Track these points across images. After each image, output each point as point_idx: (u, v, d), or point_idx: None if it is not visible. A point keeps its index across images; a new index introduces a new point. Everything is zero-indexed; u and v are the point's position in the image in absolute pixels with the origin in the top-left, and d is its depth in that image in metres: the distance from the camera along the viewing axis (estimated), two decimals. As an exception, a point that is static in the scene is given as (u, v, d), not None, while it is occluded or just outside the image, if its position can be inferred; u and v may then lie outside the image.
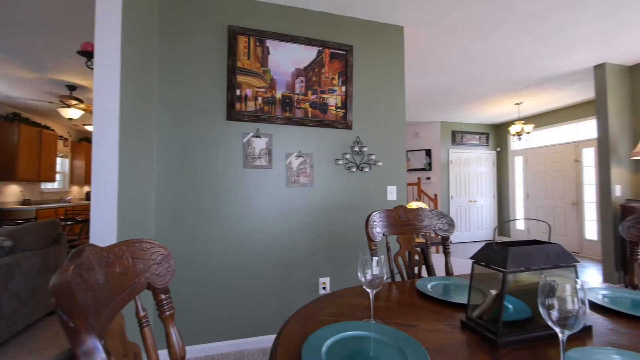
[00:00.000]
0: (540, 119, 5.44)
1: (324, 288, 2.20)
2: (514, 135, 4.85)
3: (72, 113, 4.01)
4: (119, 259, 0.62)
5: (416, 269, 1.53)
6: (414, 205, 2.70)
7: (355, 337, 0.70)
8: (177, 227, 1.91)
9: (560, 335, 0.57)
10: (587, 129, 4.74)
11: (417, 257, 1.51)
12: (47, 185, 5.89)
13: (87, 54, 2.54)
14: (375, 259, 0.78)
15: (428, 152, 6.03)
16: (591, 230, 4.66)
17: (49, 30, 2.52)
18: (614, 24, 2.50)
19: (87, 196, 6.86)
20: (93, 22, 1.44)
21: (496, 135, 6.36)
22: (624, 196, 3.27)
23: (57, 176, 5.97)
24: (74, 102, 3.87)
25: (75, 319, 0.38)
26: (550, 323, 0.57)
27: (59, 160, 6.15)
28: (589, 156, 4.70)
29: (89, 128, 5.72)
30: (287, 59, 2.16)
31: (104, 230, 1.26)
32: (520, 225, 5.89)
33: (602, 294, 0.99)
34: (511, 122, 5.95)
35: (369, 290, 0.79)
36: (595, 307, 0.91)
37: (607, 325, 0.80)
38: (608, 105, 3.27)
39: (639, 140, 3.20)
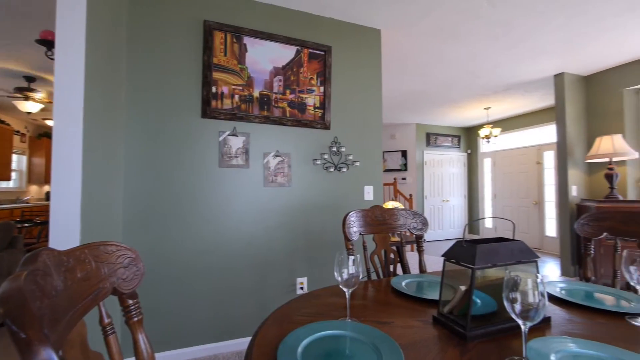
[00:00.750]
0: (507, 123, 5.76)
1: (302, 288, 2.19)
2: (483, 138, 5.11)
3: (30, 106, 3.71)
4: (80, 263, 0.58)
5: (392, 267, 1.57)
6: (390, 205, 2.76)
7: (331, 336, 0.71)
8: (148, 228, 1.82)
9: (522, 326, 0.61)
10: (548, 133, 5.08)
11: (392, 256, 1.55)
12: (2, 185, 5.41)
13: (48, 43, 2.36)
14: (351, 258, 0.79)
15: (404, 153, 6.20)
16: (551, 228, 5.01)
17: (3, 15, 2.31)
18: (572, 37, 2.70)
19: (48, 196, 6.38)
20: (54, 9, 1.34)
21: (467, 137, 6.66)
22: (580, 196, 3.55)
23: (13, 174, 5.50)
24: (32, 94, 3.58)
25: (28, 329, 0.35)
26: (513, 315, 0.61)
27: (15, 157, 5.67)
28: (550, 159, 5.04)
29: (49, 123, 5.32)
30: (265, 57, 2.13)
31: (65, 232, 1.18)
32: (488, 223, 6.21)
33: (559, 286, 1.06)
34: (481, 126, 6.26)
35: (345, 289, 0.80)
36: (553, 299, 0.97)
37: (564, 315, 0.86)
38: (566, 112, 3.53)
39: (592, 144, 3.48)
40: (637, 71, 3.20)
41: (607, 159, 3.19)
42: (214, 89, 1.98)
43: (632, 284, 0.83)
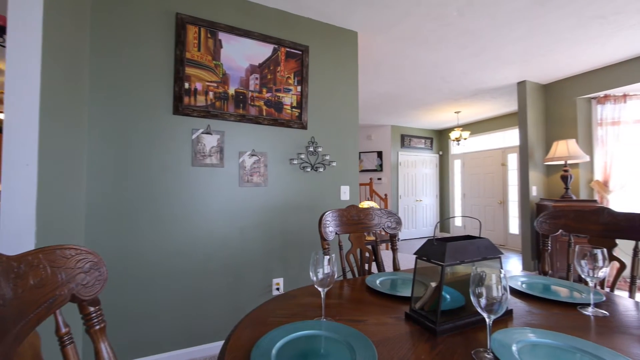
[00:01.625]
0: (476, 127, 6.07)
1: (278, 289, 2.17)
2: (453, 140, 5.34)
3: (-23, 97, 3.36)
4: (33, 269, 0.53)
5: (367, 266, 1.59)
6: (365, 204, 2.81)
7: (305, 336, 0.70)
8: (114, 230, 1.72)
9: (487, 319, 0.64)
10: (512, 137, 5.42)
11: (367, 255, 1.57)
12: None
13: (-2, 28, 2.15)
14: (326, 258, 0.79)
15: (379, 154, 6.33)
16: (514, 226, 5.35)
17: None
18: (532, 48, 2.89)
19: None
20: (5, -8, 1.23)
21: (439, 140, 6.93)
22: (539, 196, 3.81)
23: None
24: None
25: (-32, 343, 0.31)
26: (479, 309, 0.64)
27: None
28: (513, 161, 5.38)
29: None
30: (241, 54, 2.08)
31: (17, 237, 1.08)
32: (458, 222, 6.50)
33: (521, 280, 1.13)
34: (451, 129, 6.54)
35: (320, 289, 0.80)
36: (515, 292, 1.04)
37: (524, 308, 0.92)
38: (528, 117, 3.78)
39: (550, 148, 3.76)
40: (588, 82, 3.50)
41: (562, 162, 3.46)
42: (186, 85, 1.91)
43: (583, 276, 0.91)
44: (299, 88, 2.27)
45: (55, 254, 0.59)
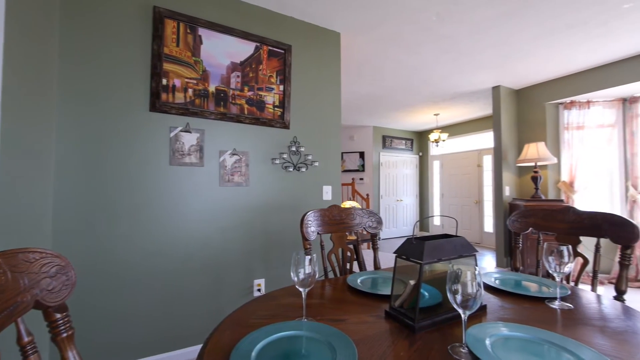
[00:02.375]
0: (454, 129, 6.28)
1: (259, 290, 2.15)
2: (432, 142, 5.50)
3: None
4: (-9, 274, 0.50)
5: (348, 265, 1.61)
6: (347, 204, 2.83)
7: (286, 337, 0.70)
8: (86, 232, 1.63)
9: (462, 315, 0.66)
10: (487, 139, 5.65)
11: (349, 254, 1.59)
12: None
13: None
14: (307, 257, 0.79)
15: (362, 155, 6.41)
16: (489, 224, 5.58)
17: None
18: (505, 54, 3.03)
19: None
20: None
21: (419, 141, 7.11)
22: (512, 195, 4.00)
23: None
24: None
25: None
26: (455, 306, 0.66)
27: None
28: (488, 162, 5.61)
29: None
30: (222, 51, 2.04)
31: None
32: (437, 221, 6.70)
33: (494, 277, 1.18)
34: (431, 130, 6.73)
35: (301, 289, 0.80)
36: (489, 288, 1.08)
37: (497, 303, 0.96)
38: (502, 120, 3.96)
39: (522, 150, 3.95)
40: (556, 88, 3.71)
41: (533, 164, 3.65)
42: (164, 81, 1.84)
43: (550, 271, 0.96)
44: (281, 87, 2.26)
45: (17, 257, 0.55)
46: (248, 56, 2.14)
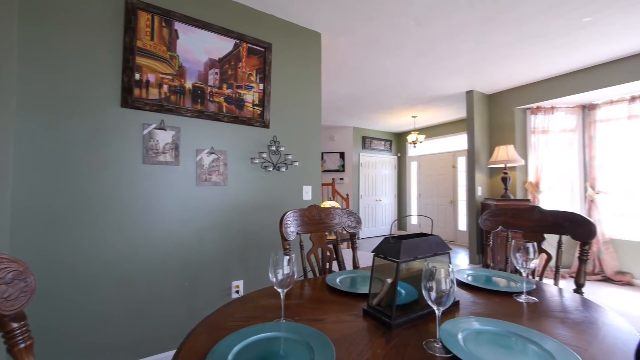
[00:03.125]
0: (431, 131, 6.48)
1: (237, 292, 2.11)
2: (410, 143, 5.64)
3: None
4: (-64, 282, 0.45)
5: (328, 265, 1.61)
6: (327, 204, 2.84)
7: (264, 339, 0.69)
8: (48, 235, 1.52)
9: (436, 311, 0.68)
10: (461, 141, 5.88)
11: (329, 254, 1.59)
12: None
13: None
14: (286, 258, 0.78)
15: (342, 155, 6.46)
16: (462, 223, 5.81)
17: None
18: (479, 60, 3.17)
19: None
20: None
21: (397, 142, 7.28)
22: (484, 195, 4.19)
23: None
24: None
25: None
26: (429, 302, 0.68)
27: None
28: (462, 163, 5.84)
29: None
30: (199, 47, 1.98)
31: None
32: (414, 220, 6.89)
33: (467, 273, 1.23)
34: (409, 132, 6.91)
35: (279, 290, 0.79)
36: (462, 284, 1.12)
37: (469, 298, 1.00)
38: (475, 124, 4.13)
39: (493, 152, 4.15)
40: (524, 94, 3.93)
41: (503, 165, 3.84)
42: (137, 76, 1.76)
43: (517, 267, 1.01)
44: (261, 86, 2.23)
45: (-34, 263, 0.50)
46: (227, 53, 2.09)
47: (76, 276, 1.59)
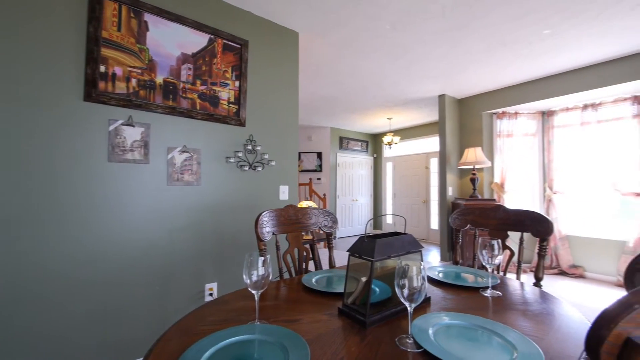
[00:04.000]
0: (405, 133, 6.67)
1: (211, 294, 2.05)
2: (386, 144, 5.78)
3: None
4: None
5: (304, 265, 1.61)
6: (304, 204, 2.84)
7: (237, 342, 0.68)
8: (5, 239, 1.39)
9: (409, 308, 0.70)
10: (434, 143, 6.11)
11: (305, 254, 1.59)
12: None
13: None
14: (260, 259, 0.77)
15: (319, 155, 6.48)
16: (434, 222, 6.04)
17: None
18: (450, 66, 3.31)
19: None
20: None
21: (373, 143, 7.42)
22: (454, 195, 4.38)
23: None
24: None
25: None
26: (402, 299, 0.70)
27: None
28: (435, 164, 6.07)
29: None
30: (171, 41, 1.90)
31: None
32: (389, 219, 7.06)
33: (438, 270, 1.28)
34: (384, 133, 7.07)
35: (254, 291, 0.78)
36: (433, 281, 1.17)
37: (440, 294, 1.04)
38: (446, 126, 4.31)
39: (462, 154, 4.35)
40: (490, 99, 4.16)
41: (471, 166, 4.04)
42: (102, 68, 1.66)
43: (483, 263, 1.07)
44: (237, 83, 2.18)
45: None
46: (201, 48, 2.02)
47: (33, 282, 1.46)
